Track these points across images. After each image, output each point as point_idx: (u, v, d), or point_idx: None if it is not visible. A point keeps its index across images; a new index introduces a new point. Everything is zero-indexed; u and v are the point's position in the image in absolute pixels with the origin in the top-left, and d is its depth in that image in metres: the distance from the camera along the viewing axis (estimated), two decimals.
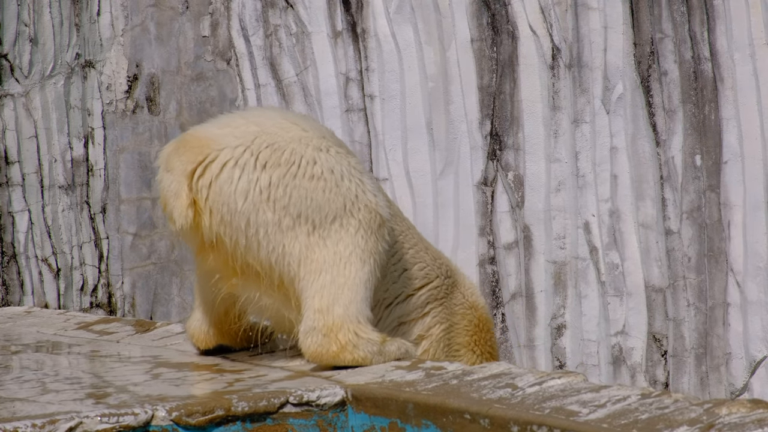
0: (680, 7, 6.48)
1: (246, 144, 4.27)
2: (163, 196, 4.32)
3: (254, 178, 4.24)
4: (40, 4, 8.37)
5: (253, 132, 4.31)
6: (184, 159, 4.26)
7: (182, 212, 4.26)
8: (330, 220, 4.28)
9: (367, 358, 4.38)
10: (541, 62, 6.86)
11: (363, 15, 7.29)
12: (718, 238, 6.42)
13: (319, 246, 4.27)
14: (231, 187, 4.24)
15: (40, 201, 8.44)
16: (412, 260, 4.71)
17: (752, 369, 6.33)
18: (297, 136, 4.33)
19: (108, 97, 8.18)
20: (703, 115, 6.45)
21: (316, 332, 4.32)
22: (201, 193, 4.26)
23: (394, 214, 4.64)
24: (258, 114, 4.46)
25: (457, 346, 4.82)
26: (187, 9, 7.91)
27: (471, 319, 4.86)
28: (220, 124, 4.39)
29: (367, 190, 4.35)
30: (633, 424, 3.27)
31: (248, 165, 4.24)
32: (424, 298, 4.76)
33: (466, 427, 3.64)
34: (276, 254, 4.27)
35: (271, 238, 4.25)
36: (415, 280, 4.73)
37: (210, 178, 4.25)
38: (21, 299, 8.45)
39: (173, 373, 4.59)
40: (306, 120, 4.47)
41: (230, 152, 4.25)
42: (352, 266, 4.31)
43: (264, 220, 4.24)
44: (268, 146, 4.27)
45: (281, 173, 4.26)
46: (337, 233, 4.29)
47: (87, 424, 3.72)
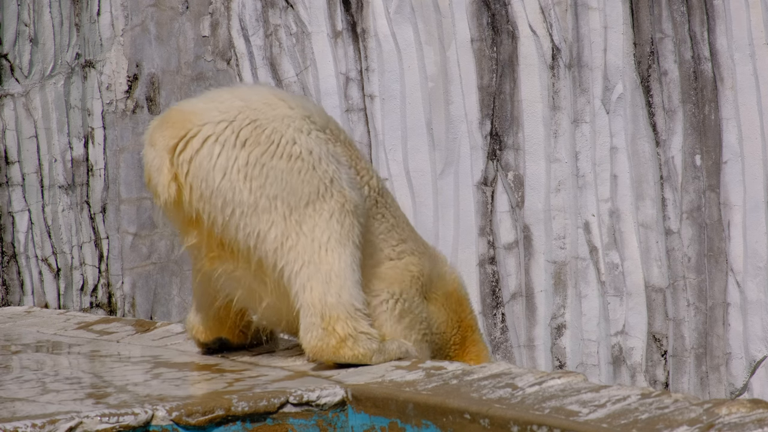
0: (680, 7, 6.48)
1: (229, 119, 4.26)
2: (146, 171, 4.33)
3: (233, 156, 4.23)
4: (40, 4, 8.37)
5: (237, 107, 4.31)
6: (167, 134, 4.27)
7: (165, 187, 4.26)
8: (304, 203, 4.27)
9: (366, 354, 4.37)
10: (541, 62, 6.86)
11: (363, 15, 7.29)
12: (718, 238, 6.42)
13: (296, 232, 4.26)
14: (210, 163, 4.23)
15: (40, 201, 8.44)
16: (389, 227, 4.67)
17: (752, 369, 6.33)
18: (281, 114, 4.32)
19: (108, 97, 8.18)
20: (703, 115, 6.46)
21: (316, 327, 4.32)
22: (182, 168, 4.24)
23: (382, 192, 4.61)
24: (246, 90, 4.45)
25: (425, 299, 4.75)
26: (187, 9, 7.91)
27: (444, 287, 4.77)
28: (207, 98, 4.39)
29: (342, 177, 4.34)
30: (633, 424, 3.27)
31: (228, 141, 4.23)
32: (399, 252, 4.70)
33: (466, 427, 3.64)
34: (253, 239, 4.27)
35: (247, 221, 4.25)
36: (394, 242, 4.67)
37: (191, 153, 4.24)
38: (21, 299, 8.46)
39: (173, 373, 4.59)
40: (295, 98, 4.46)
41: (212, 128, 4.24)
42: (333, 252, 4.30)
43: (240, 199, 4.24)
44: (250, 123, 4.27)
45: (260, 152, 4.25)
46: (311, 218, 4.28)
47: (87, 424, 3.72)
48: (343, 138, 4.52)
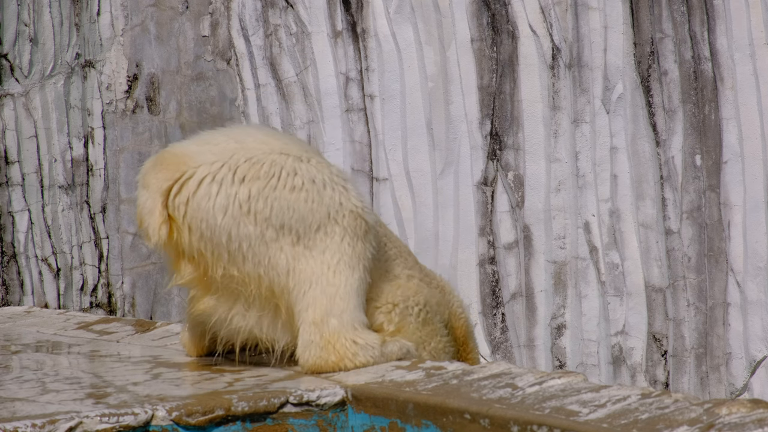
0: (680, 6, 6.48)
1: (224, 160, 4.24)
2: (138, 213, 4.33)
3: (233, 192, 4.22)
4: (40, 4, 8.37)
5: (232, 149, 4.29)
6: (161, 176, 4.25)
7: (156, 229, 4.24)
8: (314, 229, 4.26)
9: (369, 362, 4.38)
10: (541, 62, 6.86)
11: (363, 15, 7.29)
12: (718, 238, 6.42)
13: (305, 256, 4.26)
14: (209, 202, 4.23)
15: (40, 201, 8.44)
16: (393, 256, 4.68)
17: (752, 369, 6.33)
18: (277, 149, 4.31)
19: (108, 97, 8.18)
20: (703, 115, 6.46)
21: (314, 345, 4.33)
22: (178, 210, 4.24)
23: (378, 221, 4.63)
24: (239, 131, 4.44)
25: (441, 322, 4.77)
26: (187, 9, 7.90)
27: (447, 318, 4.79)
28: (200, 141, 4.38)
29: (351, 196, 4.32)
30: (633, 424, 3.27)
31: (226, 180, 4.22)
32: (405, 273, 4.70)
33: (466, 427, 3.64)
34: (263, 266, 4.26)
35: (255, 251, 4.24)
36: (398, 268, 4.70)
37: (187, 195, 4.23)
38: (21, 299, 8.46)
39: (173, 372, 4.59)
40: (288, 136, 4.46)
41: (207, 168, 4.23)
42: (341, 274, 4.30)
43: (246, 233, 4.23)
44: (247, 160, 4.25)
45: (261, 186, 4.23)
46: (322, 242, 4.28)
47: (87, 424, 3.72)
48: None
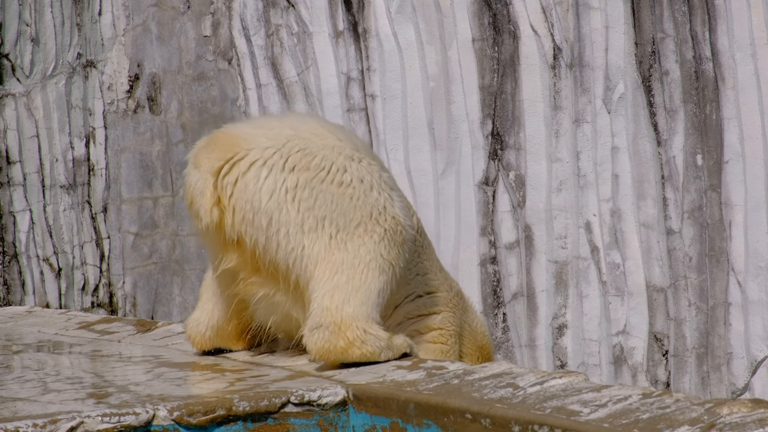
0: (681, 6, 6.48)
1: (277, 146, 4.21)
2: (189, 194, 4.27)
3: (281, 179, 4.19)
4: (42, 4, 8.38)
5: (286, 135, 4.27)
6: (213, 156, 4.21)
7: (207, 211, 4.21)
8: (355, 224, 4.24)
9: (375, 352, 4.36)
10: (543, 62, 6.86)
11: (364, 15, 7.29)
12: (719, 237, 6.42)
13: (340, 249, 4.22)
14: (257, 185, 4.19)
15: (41, 201, 8.44)
16: (425, 270, 4.68)
17: (753, 369, 6.33)
18: (330, 144, 4.29)
19: (109, 97, 8.19)
20: (704, 115, 6.46)
21: (323, 329, 4.30)
22: (225, 191, 4.19)
23: (419, 228, 4.65)
24: (295, 119, 4.42)
25: (461, 354, 4.83)
26: (189, 9, 7.91)
27: (476, 340, 4.84)
28: (255, 124, 4.35)
29: (395, 205, 4.32)
30: (634, 423, 3.27)
31: (276, 166, 4.19)
32: (432, 301, 4.75)
33: (468, 427, 3.64)
34: (294, 255, 4.23)
35: (291, 238, 4.21)
36: (426, 286, 4.71)
37: (236, 175, 4.19)
38: (22, 299, 8.46)
39: (174, 372, 4.60)
40: (343, 131, 4.43)
41: (260, 152, 4.20)
42: (370, 272, 4.28)
43: (287, 219, 4.20)
44: (299, 150, 4.23)
45: (309, 176, 4.20)
46: (360, 238, 4.25)
47: (88, 423, 3.73)
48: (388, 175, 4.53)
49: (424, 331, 4.75)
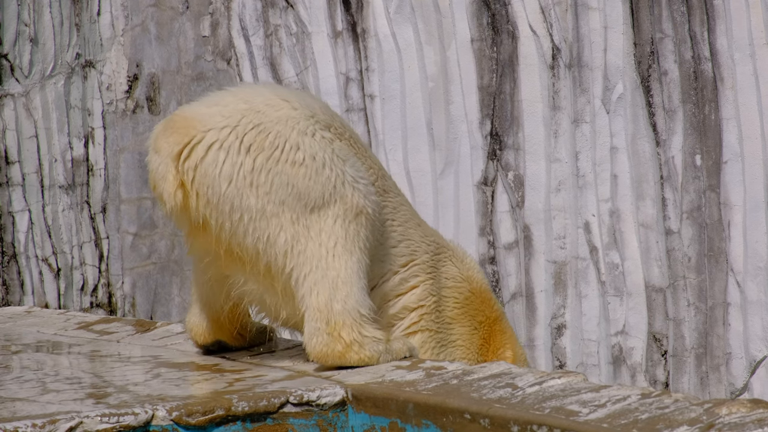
0: (680, 6, 6.48)
1: (232, 124, 4.25)
2: (151, 178, 4.32)
3: (238, 162, 4.23)
4: (41, 4, 8.37)
5: (241, 110, 4.30)
6: (171, 140, 4.25)
7: (171, 194, 4.25)
8: (311, 207, 4.28)
9: (374, 357, 4.38)
10: (542, 62, 6.87)
11: (363, 15, 7.29)
12: (718, 238, 6.42)
13: (304, 236, 4.27)
14: (216, 170, 4.23)
15: (40, 201, 8.44)
16: (399, 237, 4.66)
17: (752, 369, 6.33)
18: (285, 116, 4.32)
19: (108, 97, 8.18)
20: (703, 115, 6.46)
21: (321, 332, 4.32)
22: (187, 175, 4.24)
23: (387, 189, 4.62)
24: (248, 91, 4.44)
25: (448, 320, 4.77)
26: (188, 9, 7.91)
27: (462, 292, 4.81)
28: (210, 102, 4.37)
29: (346, 180, 4.34)
30: (633, 423, 3.27)
31: (233, 148, 4.23)
32: (408, 273, 4.72)
33: (467, 427, 3.64)
34: (262, 243, 4.27)
35: (256, 225, 4.25)
36: (401, 258, 4.68)
37: (196, 160, 4.23)
38: (21, 299, 8.46)
39: (173, 372, 4.60)
40: (298, 96, 4.45)
41: (216, 134, 4.24)
42: (340, 258, 4.31)
43: (248, 205, 4.24)
44: (254, 127, 4.26)
45: (265, 157, 4.24)
46: (317, 223, 4.29)
47: (87, 424, 3.73)
48: (348, 135, 4.52)
49: (403, 315, 4.74)
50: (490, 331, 4.86)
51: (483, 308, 4.84)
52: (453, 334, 4.77)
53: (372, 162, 4.59)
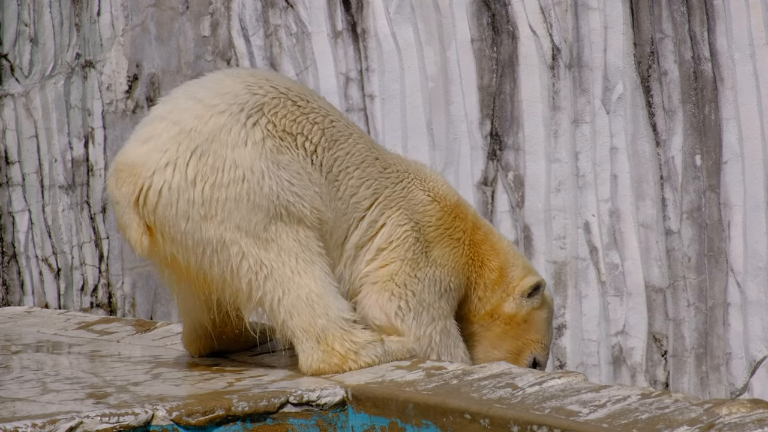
0: (680, 7, 6.48)
1: (172, 159, 4.33)
2: (119, 225, 4.46)
3: (190, 198, 4.33)
4: (41, 4, 8.37)
5: (174, 137, 4.36)
6: (124, 191, 4.37)
7: (137, 240, 4.38)
8: (263, 226, 4.36)
9: (375, 362, 4.41)
10: (542, 62, 6.87)
11: (363, 15, 7.29)
12: (718, 238, 6.42)
13: (266, 259, 4.38)
14: (172, 210, 4.34)
15: (40, 201, 8.44)
16: (357, 183, 4.63)
17: (752, 369, 6.33)
18: (215, 129, 4.36)
19: (108, 97, 8.18)
20: (703, 115, 6.46)
21: (314, 350, 4.38)
22: (149, 218, 4.35)
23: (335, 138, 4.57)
24: (173, 107, 4.45)
25: (426, 244, 4.74)
26: (188, 9, 7.91)
27: (433, 214, 4.78)
28: (144, 136, 4.42)
29: (284, 187, 4.37)
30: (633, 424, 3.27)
31: (181, 185, 4.32)
32: (375, 213, 4.69)
33: (467, 427, 3.64)
34: (227, 273, 4.37)
35: (219, 257, 4.37)
36: (365, 201, 4.67)
37: (152, 205, 4.34)
38: (21, 299, 8.46)
39: (173, 372, 4.60)
40: (221, 91, 4.45)
41: (161, 175, 4.32)
42: (305, 273, 4.39)
43: (208, 238, 4.35)
44: (192, 154, 4.33)
45: (210, 185, 4.32)
46: (274, 242, 4.38)
47: (87, 424, 3.73)
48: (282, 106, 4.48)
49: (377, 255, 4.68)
50: (471, 245, 4.84)
51: (458, 224, 4.81)
52: (431, 256, 4.71)
53: (315, 114, 4.54)
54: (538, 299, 4.95)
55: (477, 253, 4.85)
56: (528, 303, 4.92)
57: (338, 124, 4.64)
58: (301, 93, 4.57)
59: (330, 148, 4.54)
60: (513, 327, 4.89)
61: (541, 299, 4.98)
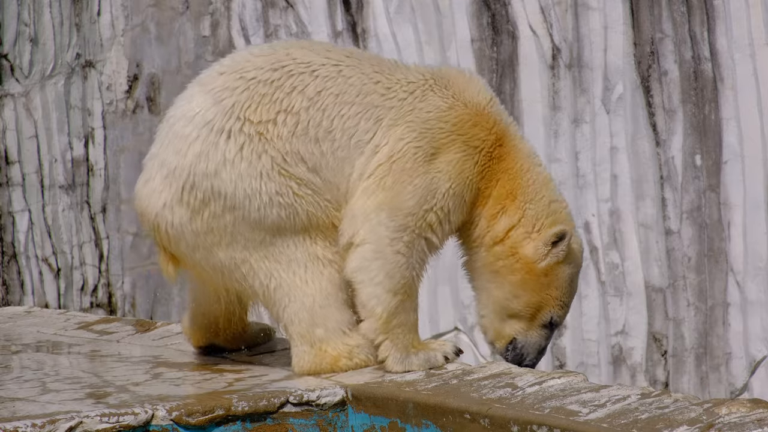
0: (680, 7, 6.48)
1: (167, 201, 4.40)
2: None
3: (195, 230, 4.40)
4: (41, 4, 8.38)
5: (165, 178, 4.41)
6: (145, 227, 4.53)
7: (165, 270, 4.52)
8: (269, 242, 4.39)
9: (369, 360, 4.41)
10: (542, 62, 6.87)
11: (363, 15, 7.29)
12: (718, 238, 6.42)
13: (276, 270, 4.44)
14: (182, 243, 4.42)
15: (40, 201, 8.44)
16: (355, 120, 4.41)
17: (752, 369, 6.33)
18: (194, 159, 4.38)
19: (108, 97, 8.18)
20: (703, 115, 6.46)
21: (306, 353, 4.42)
22: (168, 249, 4.47)
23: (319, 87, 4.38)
24: (160, 144, 4.49)
25: (433, 152, 4.40)
26: (188, 9, 7.91)
27: (448, 120, 4.43)
28: (144, 177, 4.49)
29: (272, 204, 4.37)
30: (633, 423, 3.28)
31: (183, 220, 4.39)
32: (378, 138, 4.41)
33: (467, 427, 3.64)
34: (243, 287, 4.47)
35: (234, 276, 4.44)
36: (366, 135, 4.41)
37: (165, 241, 4.45)
38: (21, 299, 8.46)
39: (173, 372, 4.60)
40: (190, 111, 4.43)
41: (162, 217, 4.41)
42: (312, 282, 4.41)
43: (220, 261, 4.43)
44: (182, 191, 4.39)
45: (209, 214, 4.37)
46: (281, 254, 4.43)
47: (87, 423, 3.73)
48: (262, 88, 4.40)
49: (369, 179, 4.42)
50: (488, 157, 4.46)
51: (476, 132, 4.45)
52: (435, 163, 4.37)
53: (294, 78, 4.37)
54: (562, 251, 4.49)
55: (492, 168, 4.47)
56: (552, 253, 4.48)
57: (322, 69, 4.41)
58: (277, 61, 4.40)
59: (314, 104, 4.38)
60: (534, 278, 4.48)
61: (567, 252, 4.51)
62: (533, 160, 4.58)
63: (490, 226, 4.51)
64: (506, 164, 4.50)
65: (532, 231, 4.51)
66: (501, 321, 4.53)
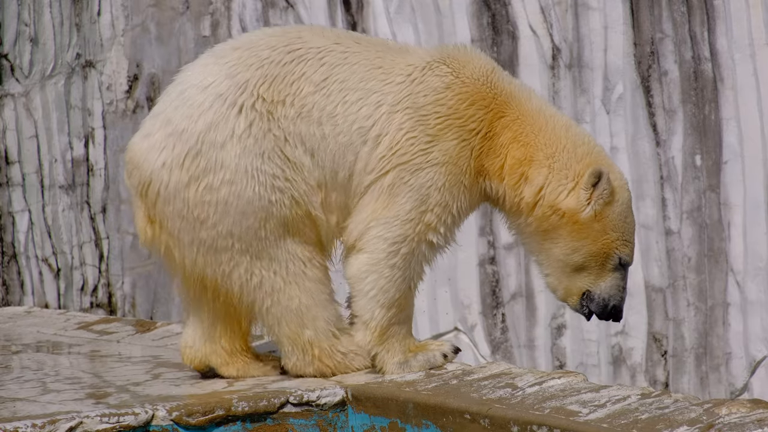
0: (680, 7, 6.48)
1: (168, 160, 4.37)
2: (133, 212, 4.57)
3: (186, 197, 4.37)
4: (41, 4, 8.37)
5: (168, 137, 4.39)
6: (132, 182, 4.47)
7: (142, 229, 4.46)
8: (253, 234, 4.35)
9: (366, 365, 4.41)
10: (542, 62, 6.87)
11: (363, 15, 7.29)
12: (718, 238, 6.42)
13: (257, 267, 4.38)
14: (169, 207, 4.39)
15: (40, 201, 8.44)
16: (357, 107, 4.38)
17: (752, 369, 6.33)
18: (205, 127, 4.37)
19: (108, 97, 8.18)
20: (703, 115, 6.46)
21: (303, 362, 4.39)
22: (151, 211, 4.43)
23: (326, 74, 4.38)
24: (168, 105, 4.49)
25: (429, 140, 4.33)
26: (188, 9, 7.91)
27: (444, 103, 4.35)
28: (145, 131, 4.47)
29: (267, 185, 4.35)
30: (633, 423, 3.28)
31: (178, 185, 4.36)
32: (379, 125, 4.39)
33: (467, 427, 3.64)
34: (218, 276, 4.37)
35: (211, 258, 4.36)
36: (367, 121, 4.36)
37: (152, 200, 4.41)
38: (21, 299, 8.46)
39: (173, 372, 4.60)
40: (205, 81, 4.47)
41: (159, 174, 4.38)
42: (296, 284, 4.38)
43: (201, 238, 4.40)
44: (185, 156, 4.37)
45: (203, 186, 4.35)
46: (265, 251, 4.39)
47: (87, 423, 3.73)
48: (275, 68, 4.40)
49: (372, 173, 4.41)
50: (486, 137, 4.36)
51: (473, 113, 4.36)
52: (431, 155, 4.32)
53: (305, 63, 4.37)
54: (605, 190, 4.34)
55: (494, 144, 4.36)
56: (595, 197, 4.33)
57: (330, 55, 4.41)
58: (290, 42, 4.42)
59: (320, 89, 4.38)
60: (586, 228, 4.32)
61: (609, 190, 4.36)
62: (545, 114, 4.44)
63: (518, 195, 4.40)
64: (512, 133, 4.39)
65: (568, 182, 4.37)
66: (568, 277, 4.42)
